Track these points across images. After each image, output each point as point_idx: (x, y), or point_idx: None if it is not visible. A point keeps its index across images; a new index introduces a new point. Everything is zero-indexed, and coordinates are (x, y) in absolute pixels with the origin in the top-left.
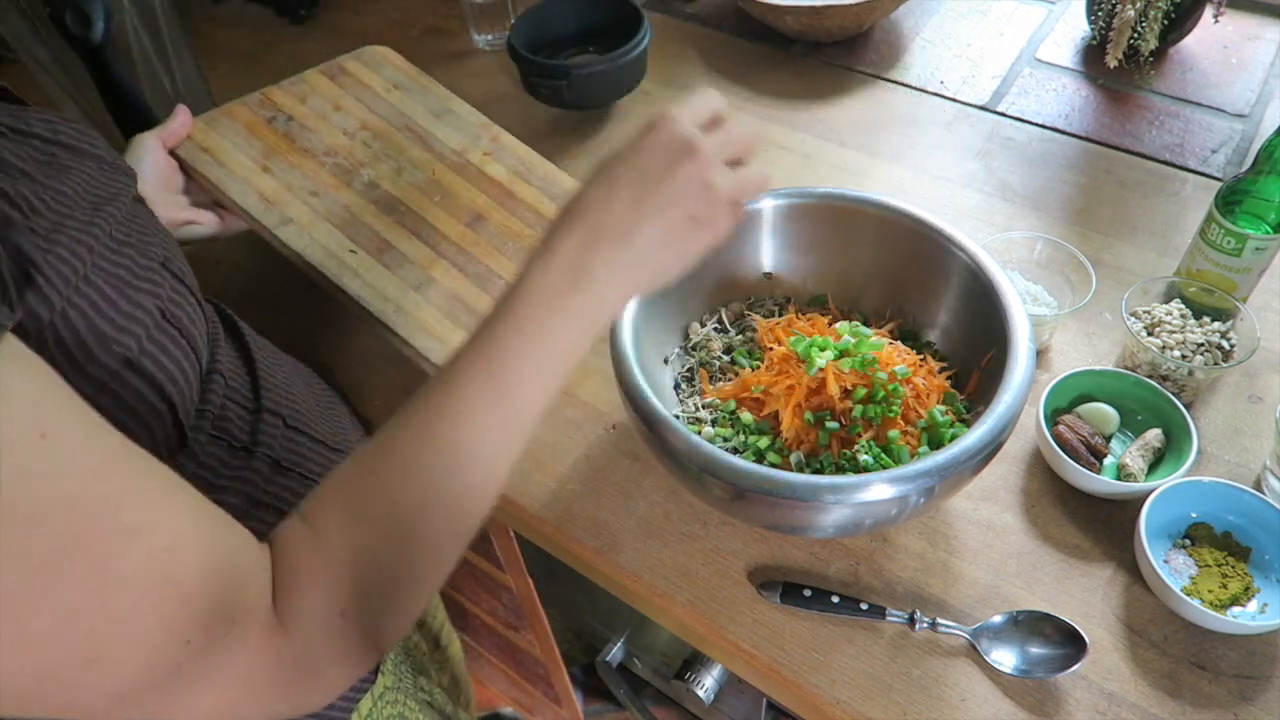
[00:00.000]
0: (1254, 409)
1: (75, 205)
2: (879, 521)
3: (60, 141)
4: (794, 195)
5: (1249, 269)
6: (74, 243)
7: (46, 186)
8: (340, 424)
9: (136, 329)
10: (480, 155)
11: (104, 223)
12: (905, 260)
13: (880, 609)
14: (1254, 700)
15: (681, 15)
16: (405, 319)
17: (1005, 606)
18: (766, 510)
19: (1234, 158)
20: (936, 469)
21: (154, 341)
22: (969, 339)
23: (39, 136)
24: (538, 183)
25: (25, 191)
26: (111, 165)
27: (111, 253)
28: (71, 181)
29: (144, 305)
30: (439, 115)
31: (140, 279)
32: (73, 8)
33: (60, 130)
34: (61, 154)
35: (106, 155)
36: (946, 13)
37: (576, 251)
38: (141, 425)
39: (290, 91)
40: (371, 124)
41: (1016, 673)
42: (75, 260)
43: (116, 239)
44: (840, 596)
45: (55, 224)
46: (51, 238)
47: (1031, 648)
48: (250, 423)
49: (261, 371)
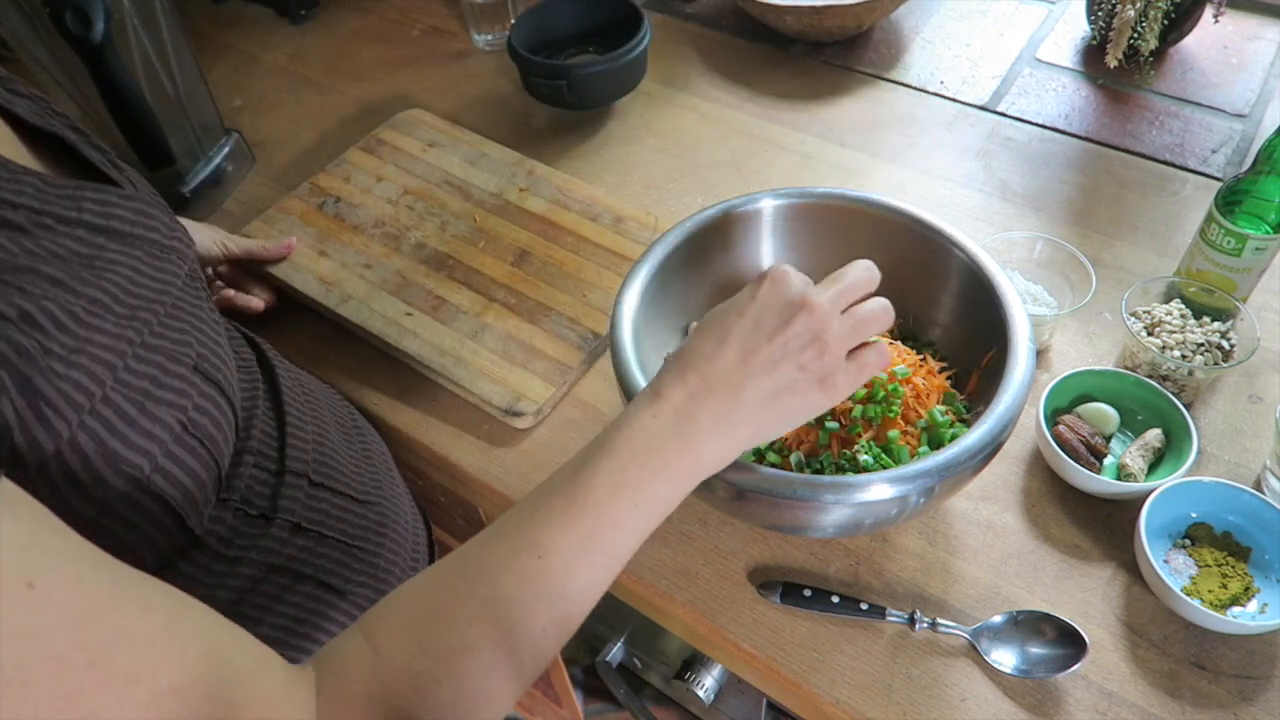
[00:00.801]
0: (1254, 409)
1: (109, 313)
2: (879, 521)
3: (111, 228)
4: (794, 195)
5: (1249, 269)
6: (95, 363)
7: (81, 295)
8: (369, 462)
9: (152, 446)
10: (517, 192)
11: (138, 330)
12: (905, 260)
13: (880, 609)
14: (1254, 700)
15: (681, 15)
16: (465, 369)
17: (1005, 606)
18: (767, 510)
19: (1234, 158)
20: (936, 469)
21: (170, 457)
22: (969, 339)
23: (87, 225)
24: (577, 207)
25: (54, 307)
26: (165, 249)
27: (139, 361)
28: (112, 282)
29: (164, 420)
30: (474, 162)
31: (165, 388)
32: (73, 8)
33: (114, 213)
34: (109, 245)
35: (163, 236)
36: (946, 13)
37: (684, 402)
38: (145, 541)
39: (334, 174)
40: (412, 187)
41: (1016, 673)
42: (93, 385)
43: (149, 344)
44: (840, 596)
45: (80, 342)
46: (72, 360)
47: (1031, 648)
48: (272, 487)
49: (292, 426)
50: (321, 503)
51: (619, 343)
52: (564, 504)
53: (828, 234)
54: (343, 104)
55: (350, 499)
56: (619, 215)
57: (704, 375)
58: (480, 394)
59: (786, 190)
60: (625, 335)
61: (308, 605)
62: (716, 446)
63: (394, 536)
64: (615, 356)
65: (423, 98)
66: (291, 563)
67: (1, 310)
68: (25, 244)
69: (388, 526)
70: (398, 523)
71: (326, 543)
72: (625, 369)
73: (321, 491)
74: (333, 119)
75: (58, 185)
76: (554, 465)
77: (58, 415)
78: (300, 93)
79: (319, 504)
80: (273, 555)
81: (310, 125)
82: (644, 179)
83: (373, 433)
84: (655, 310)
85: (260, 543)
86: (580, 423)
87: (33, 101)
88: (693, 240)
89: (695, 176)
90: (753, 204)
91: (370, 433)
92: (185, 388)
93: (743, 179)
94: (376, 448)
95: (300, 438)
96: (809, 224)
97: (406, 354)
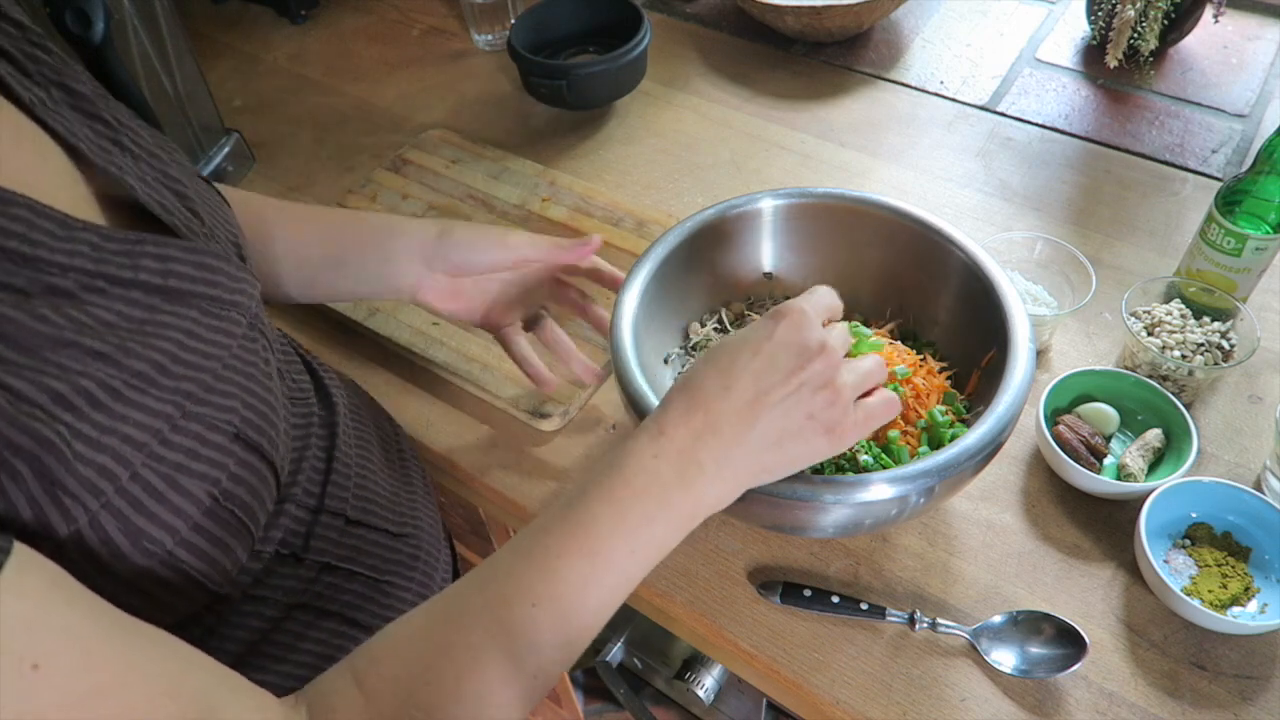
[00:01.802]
0: (1254, 409)
1: (153, 386)
2: (879, 521)
3: (168, 288)
4: (794, 195)
5: (1249, 269)
6: (126, 443)
7: (125, 368)
8: (409, 488)
9: (177, 522)
10: (540, 202)
11: (178, 404)
12: (905, 260)
13: (880, 609)
14: (1254, 700)
15: (681, 15)
16: (491, 375)
17: (1005, 606)
18: (766, 510)
19: (1234, 158)
20: (936, 469)
21: (197, 530)
22: (969, 339)
23: (143, 285)
24: (599, 213)
25: (92, 384)
26: (225, 305)
27: (176, 433)
28: (161, 350)
29: (193, 494)
30: (496, 176)
31: (200, 460)
32: (73, 8)
33: (174, 269)
34: (164, 306)
35: (224, 290)
36: (946, 13)
37: (688, 443)
38: (165, 607)
39: (362, 194)
40: (437, 203)
41: (1016, 673)
42: (119, 468)
43: (190, 414)
44: (840, 596)
45: (115, 420)
46: (102, 442)
47: (1031, 647)
48: (307, 525)
49: (338, 463)
50: (355, 539)
51: (619, 343)
52: (559, 549)
53: (828, 234)
54: (343, 104)
55: (385, 533)
56: (641, 219)
57: (710, 415)
58: (507, 398)
59: (786, 190)
60: (625, 335)
61: (332, 642)
62: (718, 489)
63: (423, 569)
64: (616, 357)
65: (422, 97)
66: (317, 600)
67: (30, 395)
68: (72, 313)
69: (419, 559)
70: (429, 553)
71: (355, 579)
72: (626, 369)
73: (357, 529)
74: (333, 119)
75: (116, 240)
76: (550, 462)
77: (76, 503)
78: (300, 93)
79: (352, 540)
80: (299, 595)
81: (310, 125)
82: (644, 179)
83: (413, 453)
84: (655, 310)
85: (287, 582)
86: (580, 422)
87: (107, 125)
88: (693, 240)
89: (695, 176)
90: (753, 204)
91: (411, 453)
92: (222, 459)
93: (743, 179)
94: (416, 469)
95: (344, 474)
96: (809, 224)
97: (435, 363)
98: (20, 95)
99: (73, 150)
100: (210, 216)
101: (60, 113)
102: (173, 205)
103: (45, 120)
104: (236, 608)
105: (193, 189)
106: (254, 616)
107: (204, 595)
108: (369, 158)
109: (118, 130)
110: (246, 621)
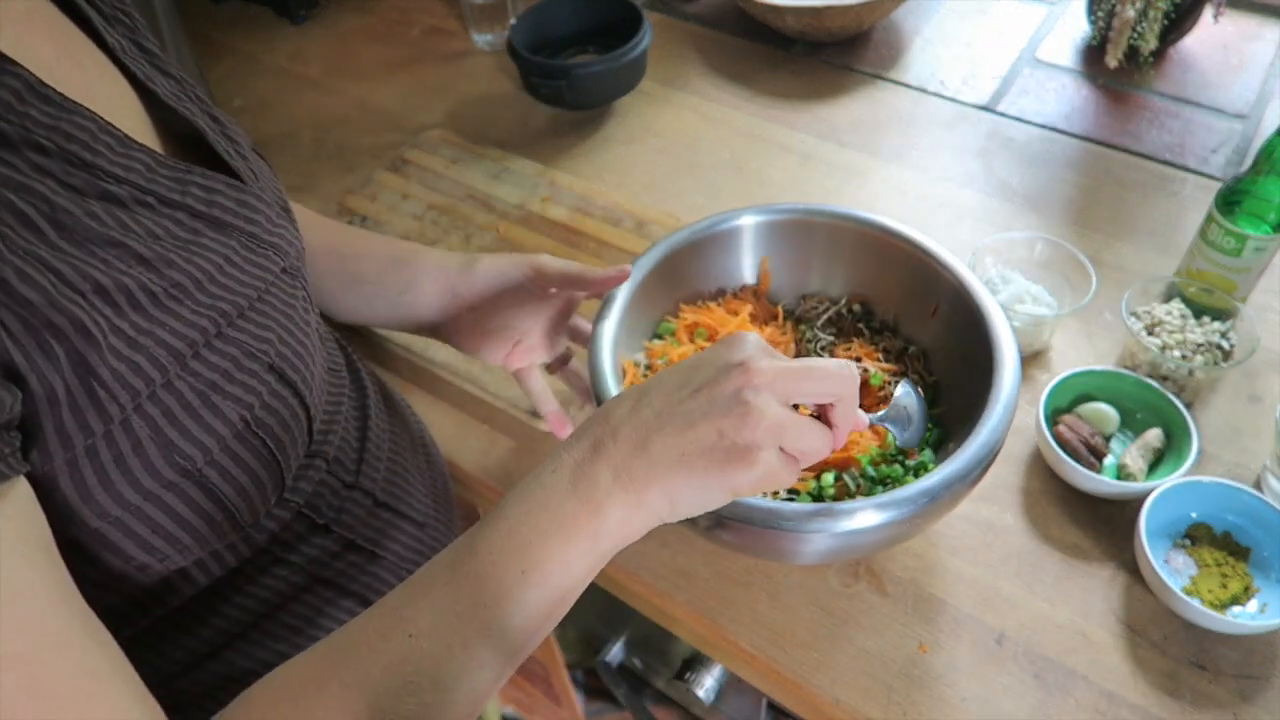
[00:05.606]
0: (1254, 409)
1: (190, 299)
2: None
3: (212, 216)
4: (775, 212)
5: (1249, 269)
6: (162, 348)
7: (165, 276)
8: (432, 481)
9: (209, 440)
10: (540, 202)
11: (214, 320)
12: (887, 274)
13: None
14: (1254, 700)
15: (681, 15)
16: (491, 374)
17: (1005, 606)
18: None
19: (1234, 158)
20: (926, 492)
21: (227, 452)
22: (952, 350)
23: (189, 209)
24: (599, 213)
25: (133, 284)
26: (263, 244)
27: (211, 352)
28: (199, 268)
29: (227, 415)
30: (496, 176)
31: (234, 382)
32: None
33: (218, 201)
34: (207, 231)
35: (263, 230)
36: (946, 13)
37: (584, 455)
38: (190, 530)
39: (362, 194)
40: (437, 202)
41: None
42: (155, 371)
43: (225, 336)
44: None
45: (152, 324)
46: (139, 342)
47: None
48: (340, 498)
49: (370, 443)
50: (381, 522)
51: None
52: (445, 574)
53: (808, 249)
54: (343, 104)
55: (411, 521)
56: (641, 219)
57: (613, 429)
58: (507, 398)
59: (768, 207)
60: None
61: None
62: (620, 509)
63: None
64: (592, 364)
65: (422, 97)
66: (339, 577)
67: (74, 282)
68: (122, 217)
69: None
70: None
71: (377, 562)
72: (601, 373)
73: (385, 511)
74: (333, 119)
75: (168, 165)
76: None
77: (110, 398)
78: (300, 93)
79: (378, 522)
80: (322, 568)
81: (310, 125)
82: (644, 179)
83: (436, 448)
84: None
85: (313, 551)
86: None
87: (178, 83)
88: (673, 257)
89: (695, 176)
90: (732, 221)
91: (434, 448)
92: (257, 385)
93: (743, 179)
94: (438, 464)
95: (376, 455)
96: (790, 240)
97: (435, 363)
98: (106, 40)
99: (147, 93)
100: (262, 175)
101: (139, 61)
102: (231, 153)
103: (126, 64)
104: (256, 562)
105: (247, 150)
106: (273, 578)
107: (233, 528)
108: (369, 158)
109: (185, 86)
110: (272, 584)
